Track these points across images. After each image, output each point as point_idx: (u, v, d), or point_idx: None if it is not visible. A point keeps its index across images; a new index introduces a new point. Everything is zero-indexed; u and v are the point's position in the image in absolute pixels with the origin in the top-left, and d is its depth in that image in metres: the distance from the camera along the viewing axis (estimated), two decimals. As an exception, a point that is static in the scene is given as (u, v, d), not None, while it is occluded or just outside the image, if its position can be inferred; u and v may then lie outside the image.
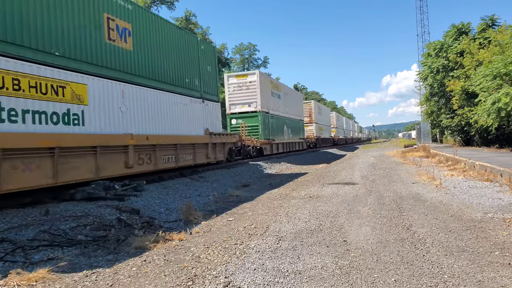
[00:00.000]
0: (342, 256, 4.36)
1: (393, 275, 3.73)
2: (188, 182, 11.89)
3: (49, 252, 4.98)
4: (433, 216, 6.10)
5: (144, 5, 34.20)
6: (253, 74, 22.04)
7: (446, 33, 25.38)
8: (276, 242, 5.06)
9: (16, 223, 5.99)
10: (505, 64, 14.90)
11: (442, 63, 23.77)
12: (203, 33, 48.19)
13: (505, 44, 16.97)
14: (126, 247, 5.26)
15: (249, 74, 22.21)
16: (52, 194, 8.01)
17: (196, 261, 4.50)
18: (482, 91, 16.54)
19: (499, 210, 6.28)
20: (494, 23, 22.30)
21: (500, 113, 14.63)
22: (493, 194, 7.55)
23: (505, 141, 20.06)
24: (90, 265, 4.57)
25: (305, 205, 7.69)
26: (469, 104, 20.34)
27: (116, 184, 8.93)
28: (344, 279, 3.68)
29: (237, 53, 63.82)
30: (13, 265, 4.51)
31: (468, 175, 10.28)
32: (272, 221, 6.40)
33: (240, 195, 10.06)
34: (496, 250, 4.33)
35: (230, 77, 22.59)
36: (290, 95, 30.11)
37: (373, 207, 7.10)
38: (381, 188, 9.43)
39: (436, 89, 24.94)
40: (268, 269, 4.06)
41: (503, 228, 5.22)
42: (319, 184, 10.95)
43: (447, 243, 4.68)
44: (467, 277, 3.60)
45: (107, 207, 7.33)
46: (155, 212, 7.79)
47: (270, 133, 23.14)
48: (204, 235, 5.85)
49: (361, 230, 5.48)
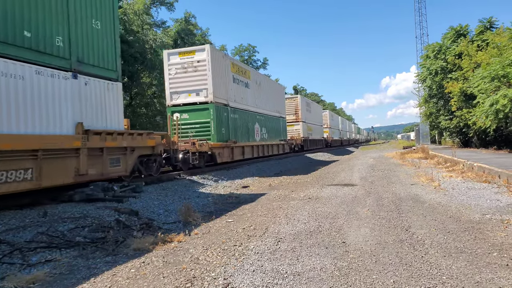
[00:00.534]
0: (341, 258, 4.36)
1: (392, 276, 3.73)
2: (187, 184, 11.88)
3: (47, 254, 4.96)
4: (431, 218, 6.11)
5: (144, 6, 34.15)
6: (202, 51, 15.48)
7: (444, 35, 25.47)
8: (275, 244, 5.06)
9: (14, 225, 5.97)
10: (503, 66, 14.95)
11: (441, 65, 23.85)
12: (202, 34, 48.21)
13: (503, 46, 17.03)
14: (125, 248, 5.25)
15: (197, 51, 15.61)
16: (50, 196, 7.98)
17: (195, 262, 4.49)
18: (480, 93, 16.59)
19: (497, 211, 6.30)
20: (492, 25, 22.39)
21: (498, 115, 14.67)
22: (491, 195, 7.56)
23: (503, 143, 20.11)
24: (88, 266, 4.56)
25: (304, 206, 7.69)
26: (467, 105, 20.39)
27: (114, 185, 8.91)
28: (343, 281, 3.68)
29: (237, 54, 63.86)
30: (10, 267, 4.50)
31: (467, 176, 10.29)
32: (271, 222, 6.40)
33: (239, 196, 10.06)
34: (494, 251, 4.34)
35: (171, 54, 16.00)
36: (266, 85, 23.26)
37: (372, 208, 7.11)
38: (380, 189, 9.44)
39: (435, 91, 25.02)
40: (267, 270, 4.06)
41: (501, 229, 5.24)
42: (318, 186, 10.96)
43: (446, 244, 4.69)
44: (465, 278, 3.60)
45: (105, 208, 7.32)
46: (154, 213, 7.78)
47: (230, 133, 16.88)
48: (203, 237, 5.85)
49: (360, 231, 5.48)
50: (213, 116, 15.42)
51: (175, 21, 43.70)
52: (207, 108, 15.43)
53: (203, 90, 15.47)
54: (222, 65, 16.70)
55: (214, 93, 15.43)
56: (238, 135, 18.00)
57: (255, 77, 21.54)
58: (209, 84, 15.34)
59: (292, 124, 31.63)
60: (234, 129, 17.60)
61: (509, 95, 14.02)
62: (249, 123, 19.71)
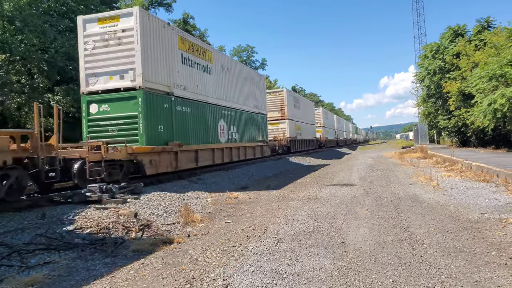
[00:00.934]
0: (340, 258, 4.36)
1: (391, 276, 3.74)
2: (186, 185, 11.87)
3: (46, 256, 4.95)
4: (430, 217, 6.12)
5: (142, 7, 34.10)
6: (128, 15, 10.83)
7: (442, 35, 25.56)
8: (275, 244, 5.06)
9: (12, 227, 5.96)
10: (501, 65, 15.00)
11: (439, 64, 23.93)
12: (201, 35, 48.25)
13: (500, 46, 17.09)
14: (124, 250, 5.24)
15: (122, 15, 10.95)
16: (48, 197, 7.97)
17: (194, 263, 4.49)
18: (478, 92, 16.64)
19: (496, 210, 6.31)
20: (489, 25, 22.47)
21: (496, 114, 14.72)
22: (490, 194, 7.58)
23: (501, 142, 20.17)
24: (87, 268, 4.55)
25: (303, 206, 7.69)
26: (465, 105, 20.46)
27: (113, 186, 8.89)
28: (342, 281, 3.68)
29: (235, 55, 63.92)
30: (9, 269, 4.49)
31: (465, 175, 10.32)
32: (270, 223, 6.40)
33: (238, 196, 10.06)
34: (492, 250, 4.34)
35: (88, 22, 11.28)
36: (238, 73, 18.38)
37: (371, 208, 7.11)
38: (379, 189, 9.45)
39: (433, 91, 25.09)
40: (266, 271, 4.06)
41: (499, 228, 5.25)
42: (317, 186, 10.96)
43: (445, 243, 4.69)
44: (464, 277, 3.61)
45: (104, 210, 7.31)
46: (152, 214, 7.77)
47: (174, 133, 12.04)
48: (202, 238, 5.84)
49: (359, 231, 5.49)
50: (142, 108, 10.58)
51: (173, 22, 43.72)
52: (133, 96, 10.64)
53: (129, 71, 10.70)
54: (163, 38, 11.85)
55: (144, 75, 10.66)
56: (190, 136, 12.99)
57: (221, 60, 16.33)
58: (138, 62, 10.57)
59: (277, 122, 27.44)
60: (183, 127, 12.58)
61: (507, 95, 14.07)
62: (210, 119, 14.74)
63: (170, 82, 12.00)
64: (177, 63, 12.57)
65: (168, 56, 12.08)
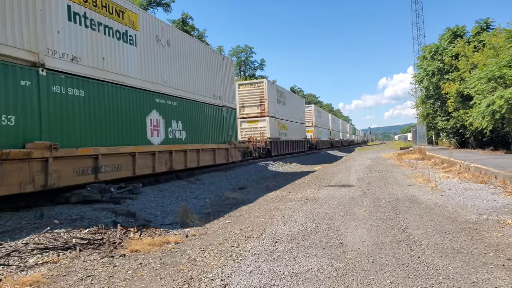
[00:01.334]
0: (338, 258, 4.37)
1: (389, 277, 3.75)
2: (184, 185, 11.87)
3: (44, 256, 4.95)
4: (428, 218, 6.13)
5: (140, 7, 34.09)
6: None
7: (441, 36, 25.61)
8: (273, 245, 5.07)
9: (11, 227, 5.95)
10: (499, 67, 15.04)
11: (438, 65, 23.98)
12: (199, 36, 48.24)
13: (499, 47, 17.12)
14: (122, 250, 5.24)
15: None
16: (47, 197, 7.96)
17: (192, 264, 4.49)
18: (477, 93, 16.68)
19: (494, 211, 6.33)
20: (488, 26, 22.53)
21: (494, 116, 14.75)
22: (488, 195, 7.60)
23: (500, 143, 20.21)
24: (85, 268, 4.55)
25: (302, 207, 7.70)
26: (464, 106, 20.50)
27: (111, 187, 8.89)
28: (340, 281, 3.69)
29: (234, 55, 63.94)
30: (7, 268, 4.48)
31: (463, 177, 10.34)
32: (268, 223, 6.40)
33: (236, 197, 10.06)
34: (490, 251, 4.36)
35: None
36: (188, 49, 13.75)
37: (369, 209, 7.12)
38: (377, 190, 9.46)
39: (432, 92, 25.13)
40: (264, 271, 4.06)
41: (497, 229, 5.26)
42: (315, 187, 10.97)
43: (442, 244, 4.71)
44: (461, 278, 3.62)
45: (102, 210, 7.30)
46: (151, 214, 7.77)
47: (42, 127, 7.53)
48: (200, 238, 5.84)
49: (357, 232, 5.49)
50: None
51: (172, 22, 43.71)
52: None
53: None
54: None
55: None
56: (81, 132, 8.50)
57: (155, 29, 11.66)
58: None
59: (255, 120, 23.34)
60: (64, 118, 8.11)
61: (505, 96, 14.10)
62: (130, 110, 10.24)
63: (38, 46, 7.55)
64: (56, 17, 8.08)
65: (33, 3, 7.49)
